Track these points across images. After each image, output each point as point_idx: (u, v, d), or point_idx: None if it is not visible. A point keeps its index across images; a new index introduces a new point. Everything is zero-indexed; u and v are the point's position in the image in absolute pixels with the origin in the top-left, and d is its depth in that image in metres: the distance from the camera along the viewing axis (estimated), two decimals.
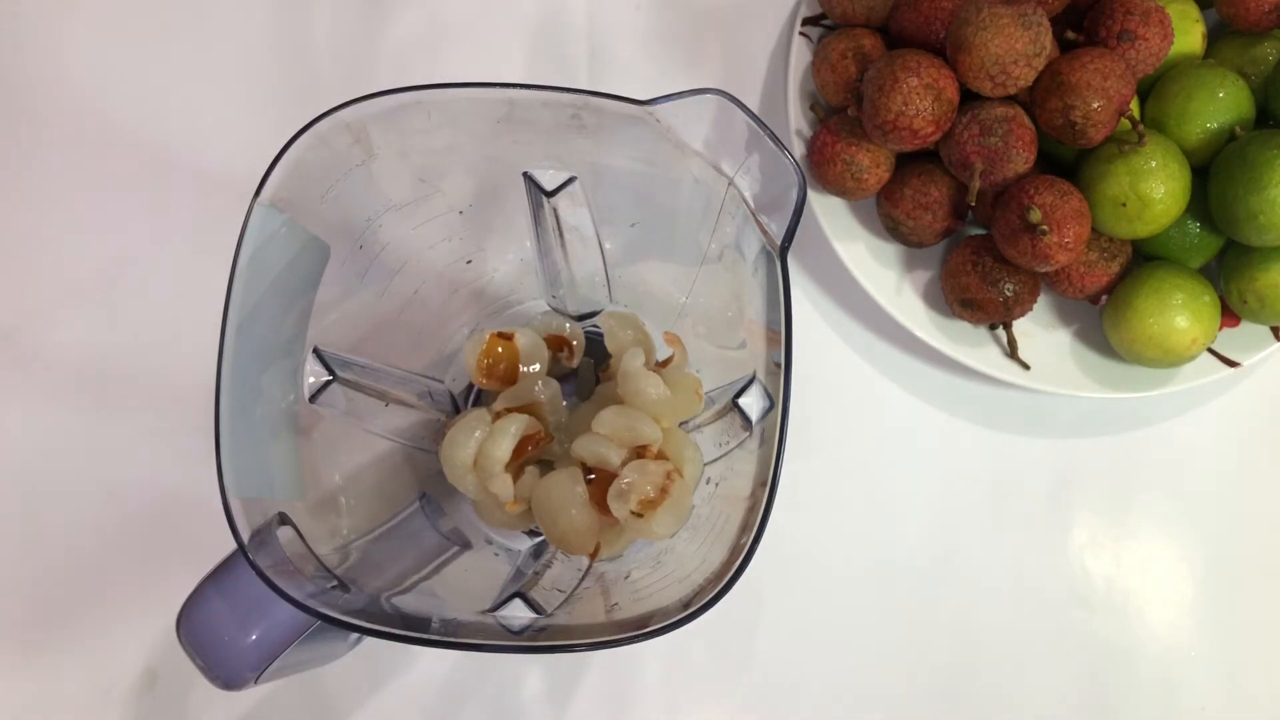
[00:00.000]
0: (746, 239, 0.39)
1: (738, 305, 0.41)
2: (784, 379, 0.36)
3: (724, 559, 0.35)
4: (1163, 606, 0.52)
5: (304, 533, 0.36)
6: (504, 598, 0.38)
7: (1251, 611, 0.52)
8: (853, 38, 0.51)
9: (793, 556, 0.51)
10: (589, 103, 0.38)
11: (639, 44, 0.57)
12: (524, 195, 0.41)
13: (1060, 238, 0.46)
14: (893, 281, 0.51)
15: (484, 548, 0.44)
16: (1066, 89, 0.46)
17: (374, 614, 0.35)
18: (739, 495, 0.36)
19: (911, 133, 0.47)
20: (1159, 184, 0.47)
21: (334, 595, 0.35)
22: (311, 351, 0.39)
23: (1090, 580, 0.52)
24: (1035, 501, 0.53)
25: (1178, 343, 0.48)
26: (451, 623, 0.36)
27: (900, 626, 0.51)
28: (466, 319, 0.47)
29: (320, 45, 0.57)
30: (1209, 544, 0.53)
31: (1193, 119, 0.48)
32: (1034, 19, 0.46)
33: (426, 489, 0.44)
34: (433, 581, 0.41)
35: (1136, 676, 0.51)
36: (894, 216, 0.50)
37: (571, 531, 0.39)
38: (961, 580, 0.52)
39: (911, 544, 0.52)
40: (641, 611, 0.35)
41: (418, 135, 0.39)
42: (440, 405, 0.46)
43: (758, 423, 0.38)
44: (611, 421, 0.39)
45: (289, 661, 0.37)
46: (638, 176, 0.42)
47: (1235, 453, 0.54)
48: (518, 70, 0.56)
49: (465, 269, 0.45)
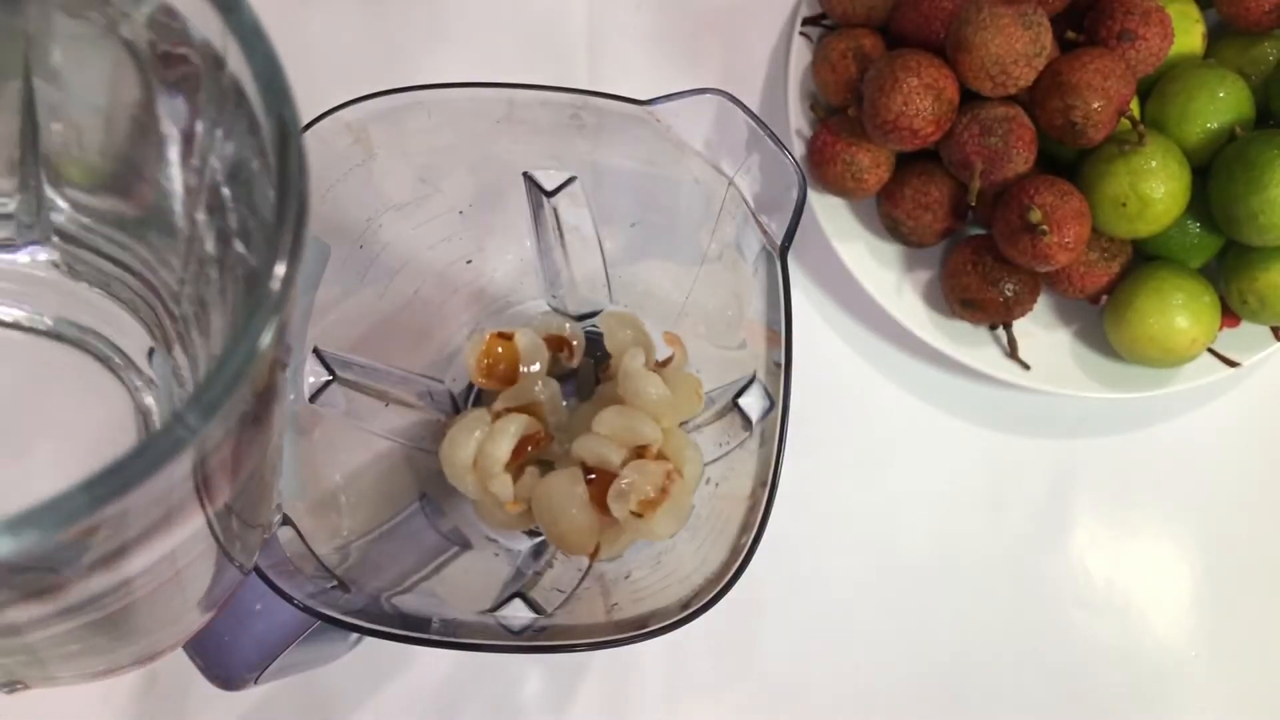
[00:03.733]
0: (746, 239, 0.39)
1: (738, 305, 0.41)
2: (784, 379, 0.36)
3: (724, 559, 0.35)
4: (1163, 607, 0.52)
5: (304, 532, 0.36)
6: (504, 598, 0.38)
7: (1253, 612, 0.52)
8: (853, 37, 0.51)
9: (793, 557, 0.51)
10: (589, 103, 0.38)
11: (639, 44, 0.57)
12: (524, 195, 0.41)
13: (1060, 238, 0.46)
14: (893, 281, 0.51)
15: (484, 548, 0.44)
16: (1067, 89, 0.46)
17: (374, 614, 0.35)
18: (739, 495, 0.37)
19: (912, 133, 0.47)
20: (1159, 184, 0.47)
21: (334, 595, 0.35)
22: (311, 351, 0.39)
23: (1091, 580, 0.52)
24: (1035, 501, 0.53)
25: (1178, 343, 0.48)
26: (451, 623, 0.36)
27: (900, 627, 0.51)
28: (466, 319, 0.47)
29: (320, 45, 0.57)
30: (1210, 544, 0.53)
31: (1193, 119, 0.48)
32: (1034, 19, 0.46)
33: (426, 489, 0.44)
34: (433, 582, 0.41)
35: (1137, 677, 0.51)
36: (894, 216, 0.50)
37: (571, 532, 0.39)
38: (961, 580, 0.52)
39: (912, 544, 0.52)
40: (641, 612, 0.36)
41: (418, 135, 0.39)
42: (440, 405, 0.46)
43: (758, 423, 0.38)
44: (611, 421, 0.39)
45: (289, 661, 0.37)
46: (638, 176, 0.42)
47: (1236, 453, 0.54)
48: (517, 70, 0.56)
49: (465, 269, 0.45)
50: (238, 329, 0.21)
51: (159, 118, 0.27)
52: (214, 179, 0.26)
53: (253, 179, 0.24)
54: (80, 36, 0.27)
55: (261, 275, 0.21)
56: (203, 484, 0.23)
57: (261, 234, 0.23)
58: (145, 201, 0.29)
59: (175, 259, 0.30)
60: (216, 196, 0.26)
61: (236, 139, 0.25)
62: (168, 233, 0.30)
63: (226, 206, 0.26)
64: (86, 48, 0.27)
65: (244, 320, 0.21)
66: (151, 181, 0.28)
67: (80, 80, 0.28)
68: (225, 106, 0.25)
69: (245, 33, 0.23)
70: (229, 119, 0.25)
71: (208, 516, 0.25)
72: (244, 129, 0.24)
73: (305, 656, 0.41)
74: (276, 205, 0.22)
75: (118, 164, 0.29)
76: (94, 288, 0.33)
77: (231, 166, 0.25)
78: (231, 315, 0.26)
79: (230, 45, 0.23)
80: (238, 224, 0.26)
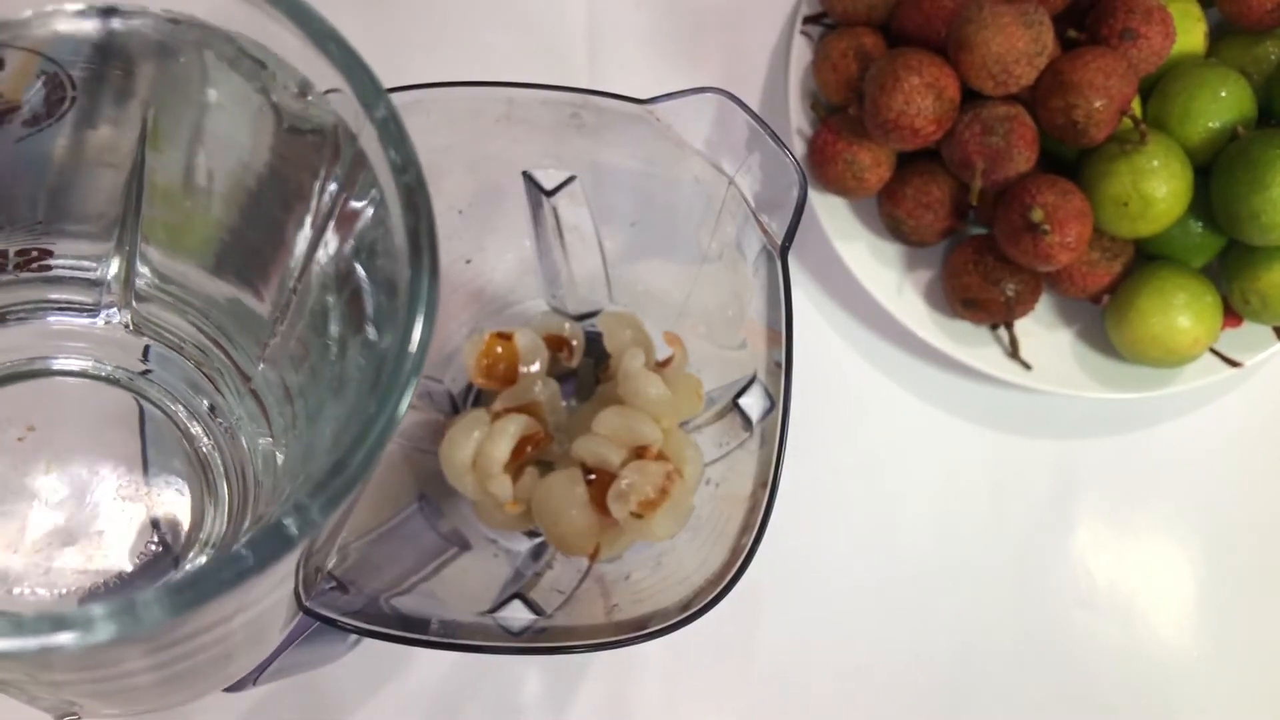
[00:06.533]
0: (747, 238, 0.39)
1: (738, 305, 0.41)
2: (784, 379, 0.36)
3: (724, 560, 0.35)
4: (1165, 607, 0.52)
5: None
6: (503, 599, 0.38)
7: (1255, 612, 0.52)
8: (854, 36, 0.51)
9: (793, 557, 0.50)
10: (589, 102, 0.38)
11: (639, 43, 0.57)
12: (524, 195, 0.41)
13: (1062, 237, 0.46)
14: (894, 281, 0.51)
15: (483, 549, 0.44)
16: (1068, 88, 0.46)
17: (373, 615, 0.35)
18: (739, 496, 0.36)
19: (913, 132, 0.47)
20: (1161, 183, 0.46)
21: (333, 596, 0.35)
22: None
23: (1092, 581, 0.52)
24: (1037, 502, 0.53)
25: (1180, 343, 0.48)
26: (451, 624, 0.36)
27: (901, 627, 0.51)
28: (466, 319, 0.47)
29: None
30: (1212, 544, 0.53)
31: (1195, 118, 0.48)
32: (1036, 18, 0.46)
33: (426, 489, 0.44)
34: (432, 582, 0.41)
35: (1138, 678, 0.51)
36: (895, 216, 0.50)
37: (571, 532, 0.39)
38: (963, 580, 0.51)
39: (913, 544, 0.52)
40: (641, 612, 0.35)
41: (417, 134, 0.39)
42: (440, 405, 0.45)
43: (758, 423, 0.38)
44: (611, 422, 0.39)
45: (288, 662, 0.37)
46: (638, 176, 0.42)
47: (1238, 453, 0.54)
48: (517, 69, 0.56)
49: (464, 269, 0.45)
50: (370, 407, 0.20)
51: (302, 184, 0.27)
52: (345, 252, 0.26)
53: (380, 250, 0.24)
54: (229, 95, 0.26)
55: (398, 341, 0.21)
56: (304, 559, 0.23)
57: (390, 302, 0.23)
58: (271, 272, 0.29)
59: (263, 328, 0.30)
60: (349, 270, 0.26)
61: (369, 207, 0.24)
62: (261, 300, 0.29)
63: (360, 284, 0.25)
64: (232, 106, 0.27)
65: (381, 393, 0.20)
66: (285, 246, 0.28)
67: (223, 136, 0.28)
68: (356, 176, 0.24)
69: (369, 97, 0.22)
70: (361, 190, 0.24)
71: (298, 580, 0.25)
72: (375, 199, 0.24)
73: (305, 657, 0.40)
74: (410, 261, 0.21)
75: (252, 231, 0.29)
76: (160, 344, 0.33)
77: (363, 240, 0.25)
78: (369, 386, 0.25)
79: (362, 122, 0.23)
80: (370, 301, 0.25)
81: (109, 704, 0.30)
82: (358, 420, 0.20)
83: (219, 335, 0.32)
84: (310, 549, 0.22)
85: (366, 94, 0.22)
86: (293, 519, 0.19)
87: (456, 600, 0.40)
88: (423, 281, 0.21)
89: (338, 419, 0.26)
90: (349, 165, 0.25)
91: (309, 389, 0.29)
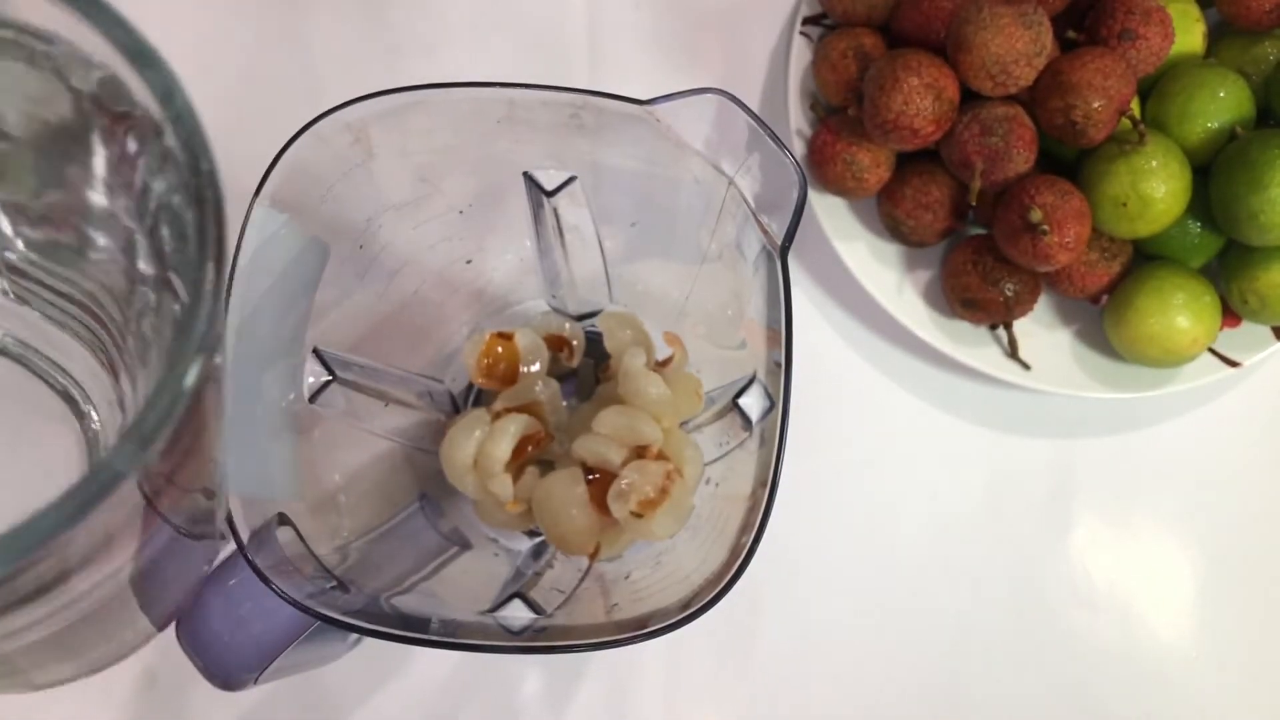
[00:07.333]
0: (747, 238, 0.39)
1: (738, 305, 0.41)
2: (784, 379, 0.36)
3: (724, 559, 0.35)
4: (1164, 607, 0.52)
5: (303, 533, 0.36)
6: (503, 598, 0.38)
7: (1254, 613, 0.52)
8: (853, 37, 0.51)
9: (793, 556, 0.51)
10: (589, 102, 0.38)
11: (639, 44, 0.57)
12: (524, 195, 0.41)
13: (1061, 237, 0.46)
14: (893, 281, 0.51)
15: (483, 548, 0.44)
16: (1067, 88, 0.46)
17: (373, 614, 0.35)
18: (739, 495, 0.37)
19: (912, 132, 0.47)
20: (1160, 184, 0.47)
21: (333, 596, 0.35)
22: (311, 352, 0.39)
23: (1091, 581, 0.52)
24: (1036, 502, 0.53)
25: (1179, 342, 0.48)
26: (451, 623, 0.36)
27: (901, 626, 0.51)
28: (466, 319, 0.47)
29: (320, 45, 0.56)
30: (1211, 544, 0.53)
31: (1194, 118, 0.48)
32: (1035, 18, 0.46)
33: (426, 489, 0.44)
34: (432, 582, 0.41)
35: (1137, 677, 0.51)
36: (894, 216, 0.50)
37: (571, 532, 0.39)
38: (962, 580, 0.52)
39: (912, 544, 0.52)
40: (641, 612, 0.36)
41: (418, 135, 0.39)
42: (440, 405, 0.46)
43: (758, 423, 0.38)
44: (612, 421, 0.39)
45: (288, 662, 0.37)
46: (638, 176, 0.42)
47: (1237, 453, 0.54)
48: (517, 70, 0.56)
49: (465, 269, 0.45)
50: (164, 372, 0.22)
51: (92, 152, 0.28)
52: (152, 224, 0.27)
53: (185, 227, 0.25)
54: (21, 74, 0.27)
55: (188, 316, 0.22)
56: (146, 497, 0.24)
57: (189, 274, 0.24)
58: (75, 233, 0.30)
59: (119, 298, 0.31)
60: (156, 240, 0.27)
61: (168, 182, 0.26)
62: (109, 274, 0.30)
63: (165, 250, 0.27)
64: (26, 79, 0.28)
65: (171, 362, 0.22)
66: (83, 213, 0.29)
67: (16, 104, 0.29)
68: (153, 149, 0.26)
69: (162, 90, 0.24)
70: (160, 164, 0.26)
71: (157, 515, 0.26)
72: (175, 175, 0.25)
73: (305, 657, 0.41)
74: (196, 242, 0.23)
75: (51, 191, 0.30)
76: (43, 317, 0.34)
77: (167, 212, 0.26)
78: (167, 356, 0.27)
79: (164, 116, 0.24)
80: (173, 264, 0.26)
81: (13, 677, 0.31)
82: (158, 385, 0.22)
83: (94, 306, 0.33)
84: (142, 488, 0.23)
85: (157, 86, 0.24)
86: (102, 467, 0.21)
87: (457, 599, 0.40)
88: (207, 270, 0.23)
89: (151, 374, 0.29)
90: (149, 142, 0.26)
91: (145, 353, 0.30)
